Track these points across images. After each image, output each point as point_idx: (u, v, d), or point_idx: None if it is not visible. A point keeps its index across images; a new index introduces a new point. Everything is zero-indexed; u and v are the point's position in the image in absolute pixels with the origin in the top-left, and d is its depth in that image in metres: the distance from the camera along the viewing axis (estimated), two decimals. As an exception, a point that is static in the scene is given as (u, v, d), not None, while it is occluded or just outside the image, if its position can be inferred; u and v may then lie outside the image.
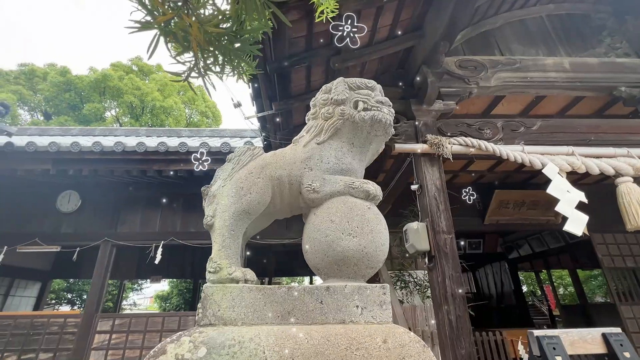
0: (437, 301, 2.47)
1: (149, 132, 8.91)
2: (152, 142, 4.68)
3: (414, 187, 2.87)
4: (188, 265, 10.12)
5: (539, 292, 14.44)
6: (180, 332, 1.22)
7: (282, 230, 5.52)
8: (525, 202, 5.55)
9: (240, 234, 1.56)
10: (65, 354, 4.69)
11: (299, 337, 1.19)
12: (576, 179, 5.41)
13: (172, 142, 4.87)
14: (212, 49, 0.95)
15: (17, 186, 5.34)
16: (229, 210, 1.53)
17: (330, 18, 1.50)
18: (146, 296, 21.05)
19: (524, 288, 16.02)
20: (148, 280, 9.78)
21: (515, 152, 2.83)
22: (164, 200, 5.50)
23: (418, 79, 3.00)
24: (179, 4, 0.79)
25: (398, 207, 4.95)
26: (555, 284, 13.92)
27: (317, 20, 1.56)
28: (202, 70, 1.02)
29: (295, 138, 1.82)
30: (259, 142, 4.87)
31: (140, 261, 9.50)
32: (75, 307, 12.98)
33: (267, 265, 9.80)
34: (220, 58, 0.94)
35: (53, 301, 13.29)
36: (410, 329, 3.47)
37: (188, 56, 1.00)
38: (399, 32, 2.85)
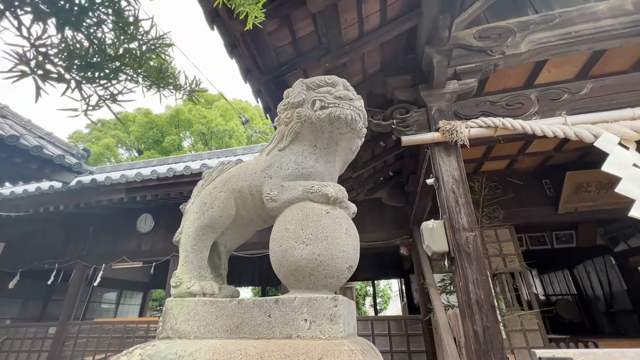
0: (461, 309, 2.15)
1: (211, 155, 9.89)
2: (197, 165, 5.19)
3: (429, 180, 2.57)
4: (257, 273, 10.84)
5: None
6: (137, 345, 1.31)
7: (325, 236, 5.50)
8: (614, 183, 4.46)
9: (205, 249, 1.60)
10: (150, 355, 5.42)
11: (234, 353, 1.16)
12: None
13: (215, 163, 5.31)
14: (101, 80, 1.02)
15: (107, 214, 6.47)
16: (192, 225, 1.60)
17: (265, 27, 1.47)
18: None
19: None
20: (224, 288, 10.75)
21: (553, 125, 2.31)
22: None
23: (423, 61, 2.71)
24: (41, 49, 0.86)
25: (442, 203, 4.50)
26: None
27: (245, 29, 1.55)
28: (104, 101, 1.10)
29: (261, 148, 1.81)
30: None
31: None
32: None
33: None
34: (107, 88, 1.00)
35: (158, 308, 15.58)
36: (455, 339, 3.08)
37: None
38: (393, 16, 2.62)
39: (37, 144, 4.34)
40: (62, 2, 0.82)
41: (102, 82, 0.96)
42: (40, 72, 0.89)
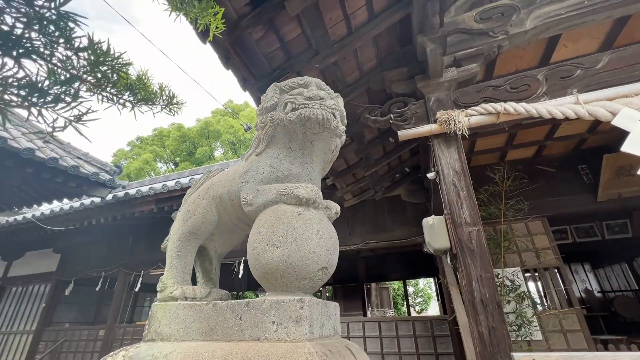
0: (466, 309, 2.02)
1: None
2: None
3: (430, 175, 2.46)
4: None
5: None
6: (123, 347, 1.40)
7: (345, 236, 5.46)
8: (663, 163, 3.95)
9: (189, 254, 1.67)
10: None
11: (203, 355, 1.20)
12: None
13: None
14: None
15: (143, 224, 6.96)
16: (177, 232, 1.68)
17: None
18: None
19: None
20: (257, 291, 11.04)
21: (562, 106, 2.10)
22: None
23: (418, 51, 2.60)
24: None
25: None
26: None
27: (208, 40, 1.59)
28: (70, 123, 1.20)
29: (243, 154, 1.85)
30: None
31: (250, 276, 10.95)
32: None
33: (359, 271, 9.77)
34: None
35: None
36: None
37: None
38: (381, 9, 2.55)
39: (75, 163, 4.78)
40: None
41: (57, 106, 1.05)
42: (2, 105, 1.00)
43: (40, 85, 1.00)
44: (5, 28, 0.95)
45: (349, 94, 3.13)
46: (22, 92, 0.97)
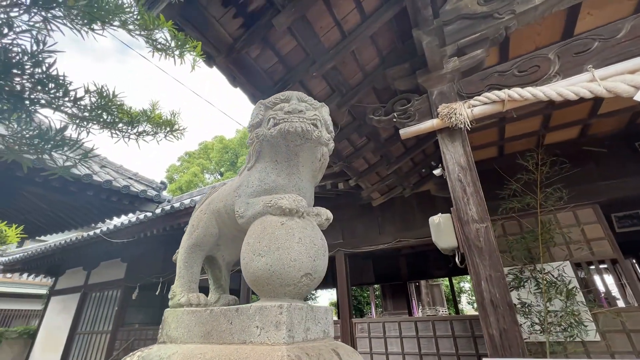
0: (479, 310, 1.93)
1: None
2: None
3: (437, 171, 2.38)
4: (329, 276, 11.17)
5: None
6: (141, 348, 1.60)
7: (375, 236, 5.42)
8: None
9: (195, 265, 1.84)
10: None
11: (197, 356, 1.34)
12: None
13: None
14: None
15: (191, 233, 7.58)
16: (184, 245, 1.86)
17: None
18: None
19: None
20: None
21: (575, 86, 1.90)
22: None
23: (416, 45, 2.53)
24: None
25: (493, 188, 3.99)
26: None
27: (191, 71, 1.74)
28: (79, 161, 1.42)
29: (239, 170, 1.99)
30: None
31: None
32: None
33: (400, 269, 9.56)
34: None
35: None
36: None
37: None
38: (372, 9, 2.53)
39: (126, 183, 5.40)
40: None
41: (61, 149, 1.26)
42: (19, 154, 1.24)
43: (44, 134, 1.21)
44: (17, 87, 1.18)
45: (355, 96, 3.14)
46: (32, 142, 1.20)
